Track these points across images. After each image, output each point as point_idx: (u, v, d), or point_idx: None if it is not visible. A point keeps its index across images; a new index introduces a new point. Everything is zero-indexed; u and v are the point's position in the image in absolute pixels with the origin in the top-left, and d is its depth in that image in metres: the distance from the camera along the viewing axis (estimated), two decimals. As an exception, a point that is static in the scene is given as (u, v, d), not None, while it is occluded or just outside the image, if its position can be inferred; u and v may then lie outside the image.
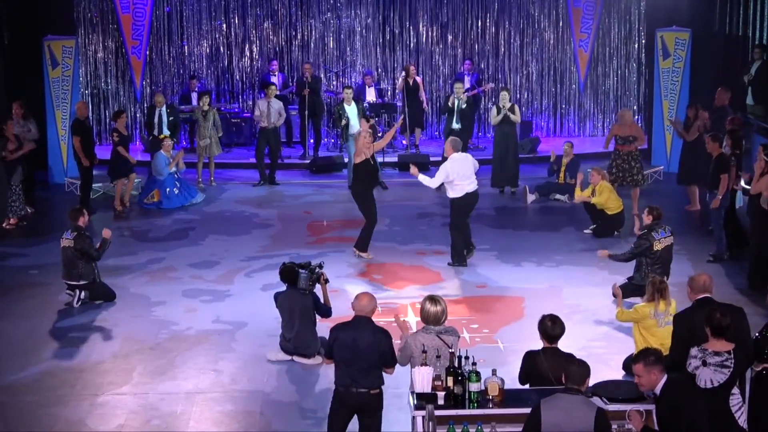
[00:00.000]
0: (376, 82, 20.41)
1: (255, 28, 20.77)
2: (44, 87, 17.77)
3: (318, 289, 9.85)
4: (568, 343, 7.63)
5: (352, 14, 20.92)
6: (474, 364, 6.95)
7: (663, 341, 8.30)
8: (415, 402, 6.92)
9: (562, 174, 16.19)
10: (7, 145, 14.73)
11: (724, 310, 7.14)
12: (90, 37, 20.16)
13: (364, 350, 7.22)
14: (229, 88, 21.03)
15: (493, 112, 16.73)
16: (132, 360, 9.92)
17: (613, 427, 6.51)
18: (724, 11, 18.18)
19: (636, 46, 20.90)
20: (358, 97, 18.74)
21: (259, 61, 20.85)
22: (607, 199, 13.92)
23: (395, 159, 18.75)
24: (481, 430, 6.63)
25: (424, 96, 19.31)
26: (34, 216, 15.50)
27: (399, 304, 11.25)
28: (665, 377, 6.55)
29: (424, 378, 7.01)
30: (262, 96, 18.35)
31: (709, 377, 6.91)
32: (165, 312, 11.23)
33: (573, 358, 7.04)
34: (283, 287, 9.87)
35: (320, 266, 9.86)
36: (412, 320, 10.13)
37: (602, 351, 9.79)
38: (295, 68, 20.68)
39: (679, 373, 6.96)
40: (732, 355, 6.91)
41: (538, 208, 15.93)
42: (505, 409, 6.82)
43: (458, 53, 20.99)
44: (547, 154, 17.42)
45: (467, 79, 19.38)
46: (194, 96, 19.01)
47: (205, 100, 17.42)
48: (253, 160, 18.17)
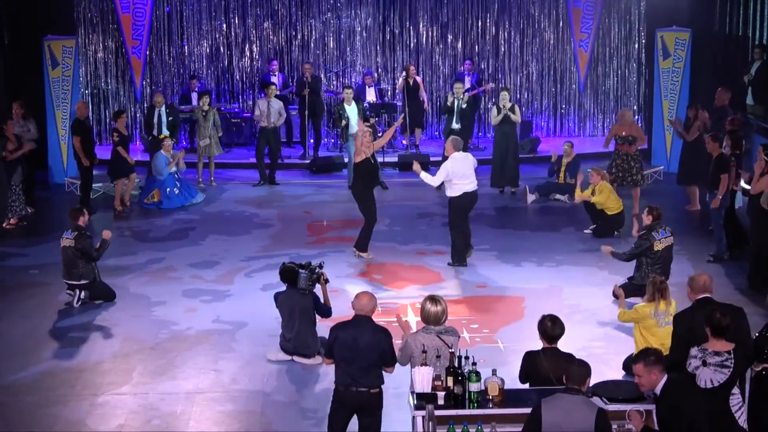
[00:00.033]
0: (376, 82, 20.40)
1: (255, 28, 20.77)
2: (44, 87, 17.76)
3: (318, 289, 9.85)
4: (568, 343, 7.63)
5: (352, 14, 20.91)
6: (474, 364, 6.95)
7: (663, 341, 8.30)
8: (415, 402, 6.91)
9: (562, 174, 16.18)
10: (7, 145, 14.72)
11: (724, 310, 7.14)
12: (90, 37, 20.16)
13: (364, 349, 7.22)
14: (229, 88, 21.02)
15: (494, 112, 16.74)
16: (132, 360, 9.91)
17: (613, 427, 6.50)
18: (724, 11, 18.17)
19: (636, 46, 20.89)
20: (358, 97, 18.72)
21: (259, 61, 20.84)
22: (607, 199, 13.92)
23: (395, 159, 18.76)
24: (481, 430, 6.63)
25: (424, 96, 19.30)
26: (34, 216, 15.48)
27: (399, 304, 11.25)
28: (665, 377, 6.55)
29: (424, 378, 7.00)
30: (262, 96, 18.34)
31: (709, 377, 6.91)
32: (165, 312, 11.23)
33: (573, 358, 7.05)
34: (283, 287, 9.87)
35: (320, 266, 9.86)
36: (412, 320, 10.12)
37: (602, 351, 9.78)
38: (295, 68, 20.67)
39: (679, 373, 6.96)
40: (732, 355, 6.91)
41: (538, 208, 15.93)
42: (505, 409, 6.82)
43: (458, 53, 21.00)
44: (547, 154, 17.43)
45: (467, 79, 19.38)
46: (194, 96, 19.00)
47: (205, 100, 17.41)
48: (253, 160, 18.17)
